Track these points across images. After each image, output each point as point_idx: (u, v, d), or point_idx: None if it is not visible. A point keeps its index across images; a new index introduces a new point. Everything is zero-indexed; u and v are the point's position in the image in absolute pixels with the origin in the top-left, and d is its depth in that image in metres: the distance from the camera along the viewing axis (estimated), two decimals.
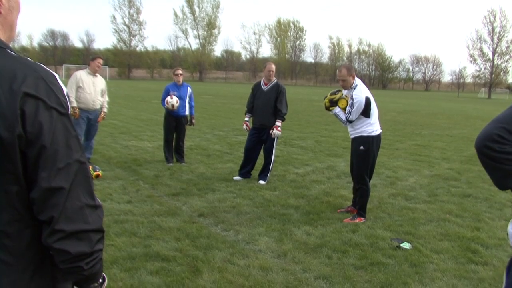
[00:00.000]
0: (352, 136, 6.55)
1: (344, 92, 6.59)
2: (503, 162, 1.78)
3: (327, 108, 6.78)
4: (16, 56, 1.49)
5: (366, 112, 6.34)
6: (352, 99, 6.32)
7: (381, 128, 6.59)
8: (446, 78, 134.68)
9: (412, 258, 5.09)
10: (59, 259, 1.47)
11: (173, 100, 9.43)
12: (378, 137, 6.50)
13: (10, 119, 1.37)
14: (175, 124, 9.77)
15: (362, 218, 6.44)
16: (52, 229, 1.43)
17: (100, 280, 1.64)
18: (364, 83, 6.58)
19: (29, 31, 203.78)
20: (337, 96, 6.65)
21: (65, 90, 1.53)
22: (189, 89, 9.91)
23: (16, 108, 1.38)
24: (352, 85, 6.44)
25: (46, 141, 1.41)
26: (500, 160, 1.77)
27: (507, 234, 2.19)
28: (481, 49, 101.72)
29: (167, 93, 9.63)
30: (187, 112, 9.89)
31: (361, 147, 6.39)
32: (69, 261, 1.47)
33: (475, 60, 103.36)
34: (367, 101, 6.31)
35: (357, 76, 6.52)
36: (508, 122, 1.85)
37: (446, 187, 8.61)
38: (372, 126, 6.41)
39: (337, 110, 6.56)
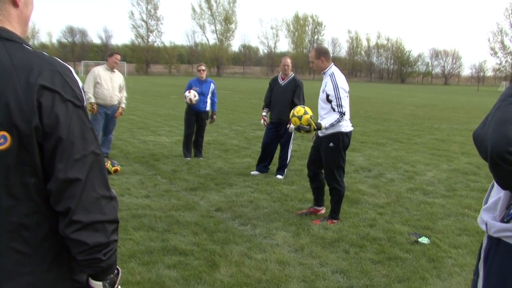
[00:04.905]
0: (321, 135, 5.97)
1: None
2: None
3: (300, 127, 5.85)
4: (32, 51, 1.51)
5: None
6: (325, 85, 5.84)
7: (352, 126, 6.08)
8: (466, 71, 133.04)
9: (430, 253, 5.06)
10: (77, 250, 1.48)
11: (190, 94, 9.45)
12: (349, 134, 5.97)
13: (27, 111, 1.39)
14: (195, 118, 9.80)
15: (335, 221, 5.95)
16: (69, 220, 1.45)
17: (115, 272, 1.66)
18: (339, 74, 5.92)
19: (48, 28, 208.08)
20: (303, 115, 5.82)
21: (80, 83, 1.55)
22: (212, 85, 9.91)
23: (33, 100, 1.40)
24: (325, 70, 5.95)
25: (62, 133, 1.43)
26: None
27: (485, 223, 2.04)
28: (502, 42, 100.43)
29: (189, 88, 9.66)
30: (208, 108, 9.91)
31: (331, 144, 5.84)
32: (86, 252, 1.48)
33: (495, 53, 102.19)
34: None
35: (334, 64, 5.96)
36: None
37: (465, 182, 8.52)
38: (344, 122, 5.87)
39: (326, 121, 5.76)
